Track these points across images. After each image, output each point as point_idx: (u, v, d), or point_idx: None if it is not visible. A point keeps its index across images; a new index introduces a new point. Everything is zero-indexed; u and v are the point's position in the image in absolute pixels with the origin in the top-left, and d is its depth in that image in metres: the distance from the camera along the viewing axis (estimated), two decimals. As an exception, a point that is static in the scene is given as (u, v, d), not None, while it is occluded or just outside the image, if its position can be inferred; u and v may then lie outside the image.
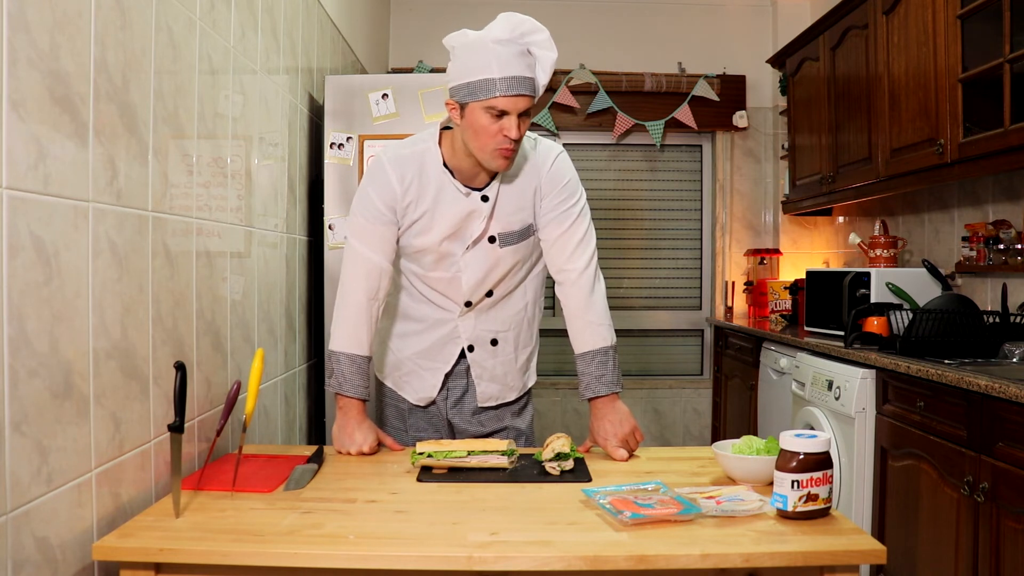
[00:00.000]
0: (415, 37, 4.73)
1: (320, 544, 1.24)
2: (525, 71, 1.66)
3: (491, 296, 1.89)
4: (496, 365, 1.94)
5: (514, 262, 1.87)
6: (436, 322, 1.92)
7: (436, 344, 1.93)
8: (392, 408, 2.03)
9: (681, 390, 4.88)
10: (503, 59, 1.64)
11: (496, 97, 1.63)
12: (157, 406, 1.56)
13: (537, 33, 1.69)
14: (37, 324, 1.17)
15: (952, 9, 2.63)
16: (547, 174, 1.83)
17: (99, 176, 1.34)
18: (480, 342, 1.92)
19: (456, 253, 1.82)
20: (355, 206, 1.83)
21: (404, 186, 1.78)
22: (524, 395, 2.04)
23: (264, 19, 2.25)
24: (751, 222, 4.84)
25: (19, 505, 1.14)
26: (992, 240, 2.83)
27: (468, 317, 1.90)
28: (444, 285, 1.87)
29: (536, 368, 2.06)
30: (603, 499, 1.39)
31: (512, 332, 1.94)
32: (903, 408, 2.44)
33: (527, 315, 1.96)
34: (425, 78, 2.84)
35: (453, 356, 1.93)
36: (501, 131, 1.65)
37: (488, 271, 1.84)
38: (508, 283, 1.90)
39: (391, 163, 1.80)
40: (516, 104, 1.65)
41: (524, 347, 1.98)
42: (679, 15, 4.82)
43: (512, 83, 1.63)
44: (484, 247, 1.83)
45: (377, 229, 1.80)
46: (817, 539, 1.26)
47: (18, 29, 1.12)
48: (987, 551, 2.01)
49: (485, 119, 1.65)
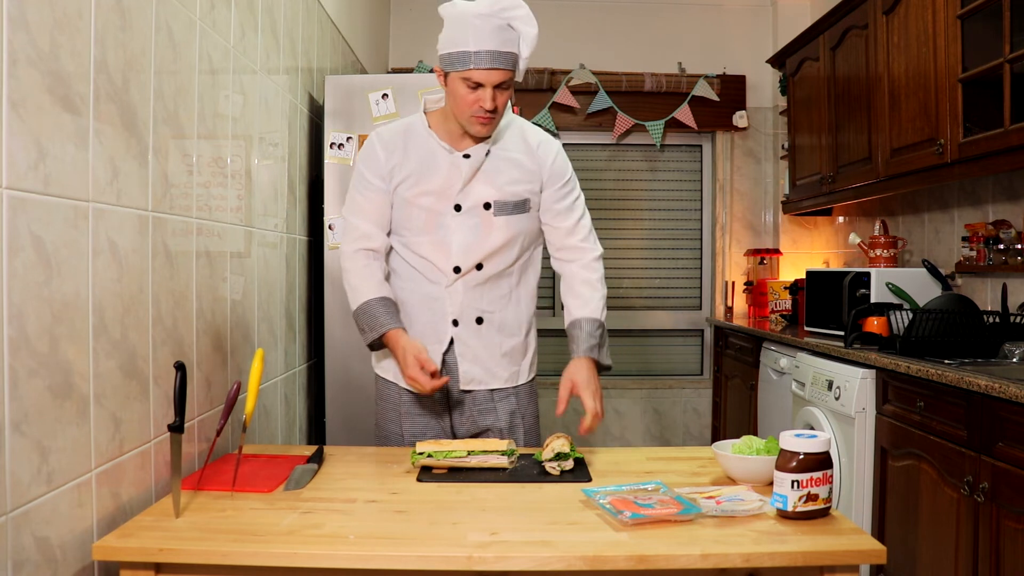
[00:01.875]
0: (415, 37, 4.73)
1: (320, 544, 1.24)
2: (502, 45, 1.74)
3: (480, 269, 1.90)
4: (479, 347, 1.93)
5: (508, 236, 1.89)
6: (424, 297, 1.92)
7: (428, 324, 1.92)
8: (392, 411, 1.99)
9: (681, 390, 4.88)
10: (480, 33, 1.73)
11: (470, 69, 1.74)
12: (157, 406, 1.56)
13: (517, 8, 1.77)
14: (37, 324, 1.17)
15: (952, 9, 2.63)
16: (550, 167, 1.94)
17: (99, 176, 1.34)
18: (465, 319, 1.91)
19: (445, 214, 1.88)
20: (350, 185, 1.96)
21: (388, 152, 1.90)
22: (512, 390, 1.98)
23: (264, 19, 2.25)
24: (751, 222, 4.84)
25: (19, 505, 1.14)
26: (992, 240, 2.83)
27: (456, 288, 1.90)
28: (432, 249, 1.89)
29: (530, 367, 2.02)
30: (603, 499, 1.39)
31: (498, 315, 1.93)
32: (903, 408, 2.44)
33: (514, 302, 1.96)
34: (425, 78, 2.84)
35: (446, 335, 1.92)
36: (477, 101, 1.76)
37: (480, 238, 1.88)
38: (500, 260, 1.91)
39: (376, 137, 1.94)
40: (490, 77, 1.74)
41: (511, 335, 1.95)
42: (679, 15, 4.82)
43: (486, 57, 1.73)
44: (478, 212, 1.88)
45: (369, 197, 1.91)
46: (817, 539, 1.27)
47: (18, 29, 1.12)
48: (987, 551, 2.01)
49: (462, 89, 1.77)
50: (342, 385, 2.80)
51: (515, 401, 1.98)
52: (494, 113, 1.78)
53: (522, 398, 2.00)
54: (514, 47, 1.77)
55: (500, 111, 1.80)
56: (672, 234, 4.95)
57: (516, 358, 1.98)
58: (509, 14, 1.76)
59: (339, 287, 2.78)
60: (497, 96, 1.77)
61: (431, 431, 1.96)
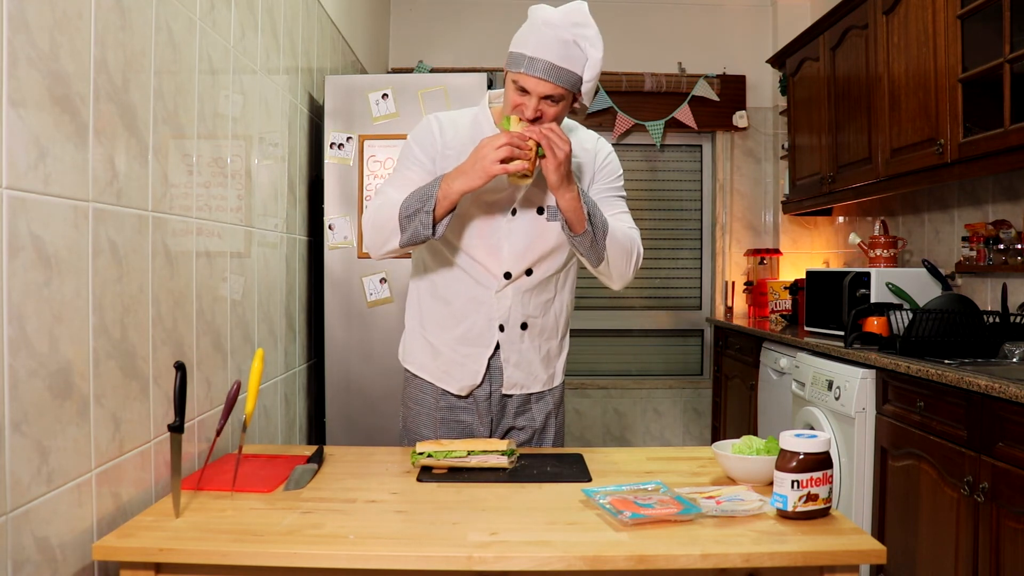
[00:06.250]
0: (415, 37, 4.73)
1: (320, 544, 1.24)
2: (560, 60, 1.67)
3: (530, 275, 1.85)
4: (523, 351, 1.90)
5: (560, 240, 1.84)
6: (470, 300, 1.86)
7: (473, 328, 1.87)
8: (426, 415, 1.94)
9: (681, 390, 4.88)
10: (542, 40, 1.67)
11: (520, 72, 1.68)
12: (157, 406, 1.56)
13: (587, 28, 1.70)
14: (37, 324, 1.17)
15: (952, 9, 2.63)
16: (603, 164, 1.90)
17: (99, 176, 1.34)
18: (512, 323, 1.88)
19: (500, 220, 1.81)
20: (397, 161, 1.88)
21: (445, 137, 1.83)
22: (548, 392, 1.98)
23: (264, 19, 2.25)
24: (751, 222, 4.84)
25: (19, 505, 1.14)
26: (992, 240, 2.83)
27: (505, 293, 1.85)
28: (484, 254, 1.83)
29: (563, 369, 2.01)
30: (603, 499, 1.39)
31: (540, 320, 1.91)
32: (903, 408, 2.44)
33: (555, 307, 1.92)
34: (425, 78, 2.84)
35: (492, 340, 1.88)
36: (519, 106, 1.70)
37: (532, 243, 1.82)
38: (548, 265, 1.87)
39: (436, 118, 1.87)
40: (536, 86, 1.67)
41: (548, 339, 1.93)
42: (679, 15, 4.82)
43: (540, 66, 1.66)
44: (532, 217, 1.81)
45: (410, 173, 1.82)
46: (817, 539, 1.26)
47: (18, 29, 1.12)
48: (987, 551, 2.01)
49: (511, 90, 1.71)
50: (342, 385, 2.80)
51: (550, 402, 1.98)
52: (532, 123, 1.69)
53: (556, 398, 2.00)
54: (575, 66, 1.69)
55: (544, 121, 1.70)
56: (672, 234, 4.95)
57: (553, 360, 1.97)
58: (579, 31, 1.69)
59: (339, 287, 2.78)
60: (542, 107, 1.69)
61: (468, 435, 1.92)
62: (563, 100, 1.72)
